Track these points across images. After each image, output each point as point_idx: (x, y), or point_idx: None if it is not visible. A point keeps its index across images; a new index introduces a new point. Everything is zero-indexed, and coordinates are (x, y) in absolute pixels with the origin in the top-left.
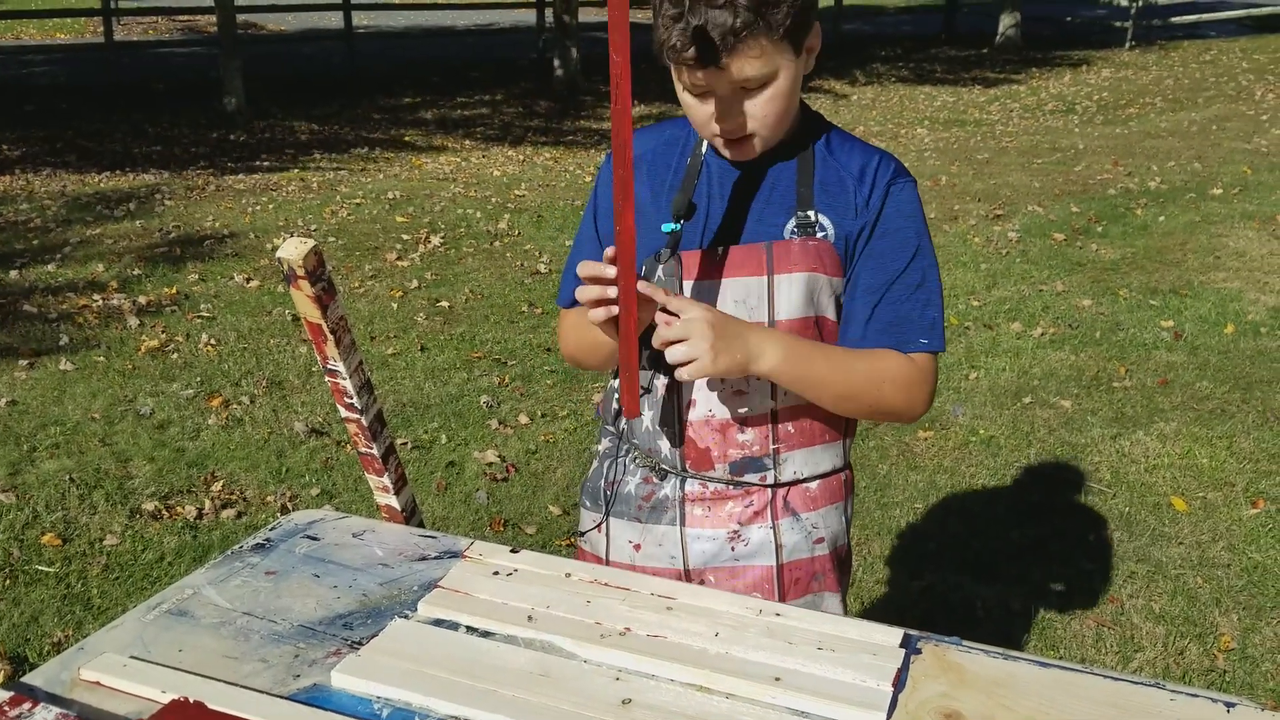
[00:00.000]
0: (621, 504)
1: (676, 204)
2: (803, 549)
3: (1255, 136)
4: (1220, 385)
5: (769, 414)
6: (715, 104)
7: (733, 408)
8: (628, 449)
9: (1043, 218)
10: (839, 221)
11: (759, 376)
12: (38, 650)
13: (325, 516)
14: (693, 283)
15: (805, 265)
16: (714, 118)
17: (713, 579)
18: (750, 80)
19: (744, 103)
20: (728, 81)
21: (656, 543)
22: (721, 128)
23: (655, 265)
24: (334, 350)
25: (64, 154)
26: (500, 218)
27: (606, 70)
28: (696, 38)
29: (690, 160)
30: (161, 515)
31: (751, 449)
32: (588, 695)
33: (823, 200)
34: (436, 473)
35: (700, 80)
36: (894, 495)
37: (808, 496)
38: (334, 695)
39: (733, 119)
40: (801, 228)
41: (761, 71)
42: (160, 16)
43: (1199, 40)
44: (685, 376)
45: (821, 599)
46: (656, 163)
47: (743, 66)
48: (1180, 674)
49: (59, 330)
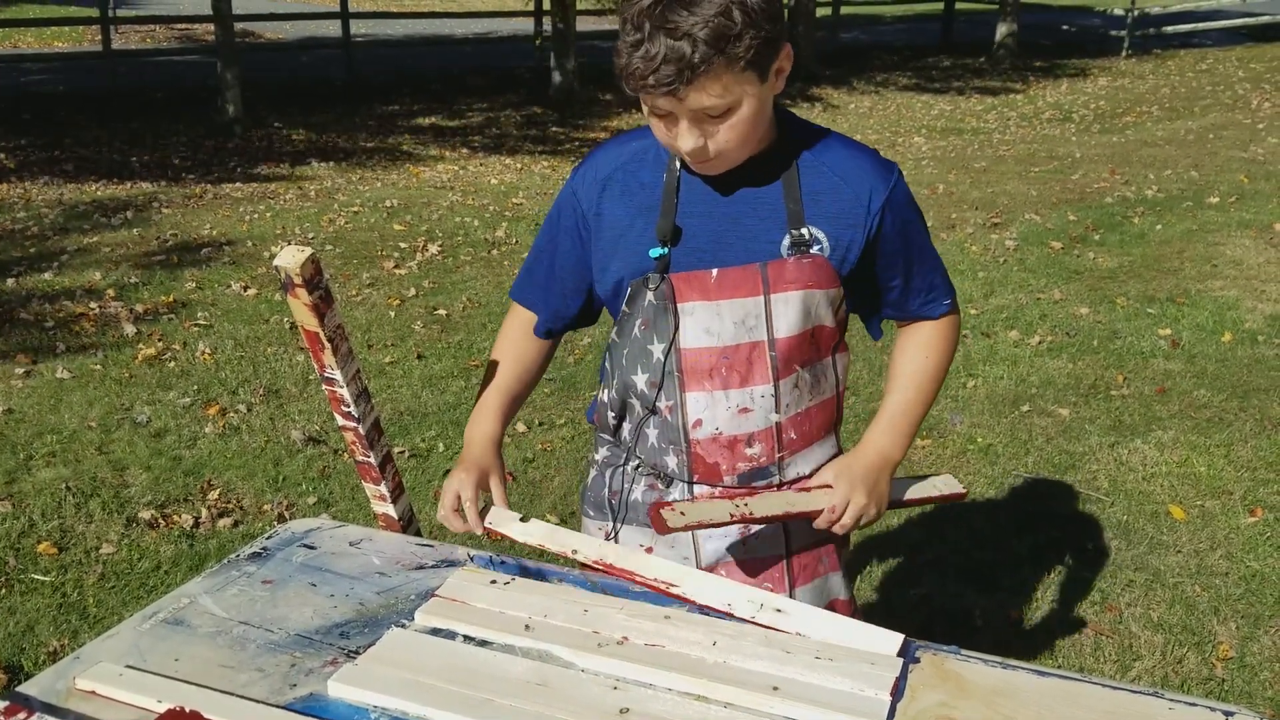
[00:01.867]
0: (630, 511)
1: (661, 229)
2: (808, 536)
3: (1252, 145)
4: (1218, 393)
5: (774, 427)
6: (679, 129)
7: (740, 425)
8: (628, 457)
9: (1040, 226)
10: (835, 231)
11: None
12: (33, 659)
13: (322, 525)
14: (685, 304)
15: (801, 283)
16: (676, 139)
17: (724, 573)
18: (711, 109)
19: (706, 126)
20: (688, 109)
21: (669, 545)
22: (685, 151)
23: (644, 289)
24: (331, 358)
25: (61, 162)
26: (498, 226)
27: (604, 79)
28: (654, 67)
29: (667, 177)
30: (158, 524)
31: (759, 461)
32: (585, 704)
33: (815, 210)
34: (434, 481)
35: (661, 106)
36: None
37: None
38: (331, 704)
39: (694, 143)
40: (796, 246)
41: (721, 101)
42: (158, 25)
43: (1195, 49)
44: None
45: (827, 581)
46: (628, 181)
47: (700, 98)
48: (1179, 683)
49: (56, 338)
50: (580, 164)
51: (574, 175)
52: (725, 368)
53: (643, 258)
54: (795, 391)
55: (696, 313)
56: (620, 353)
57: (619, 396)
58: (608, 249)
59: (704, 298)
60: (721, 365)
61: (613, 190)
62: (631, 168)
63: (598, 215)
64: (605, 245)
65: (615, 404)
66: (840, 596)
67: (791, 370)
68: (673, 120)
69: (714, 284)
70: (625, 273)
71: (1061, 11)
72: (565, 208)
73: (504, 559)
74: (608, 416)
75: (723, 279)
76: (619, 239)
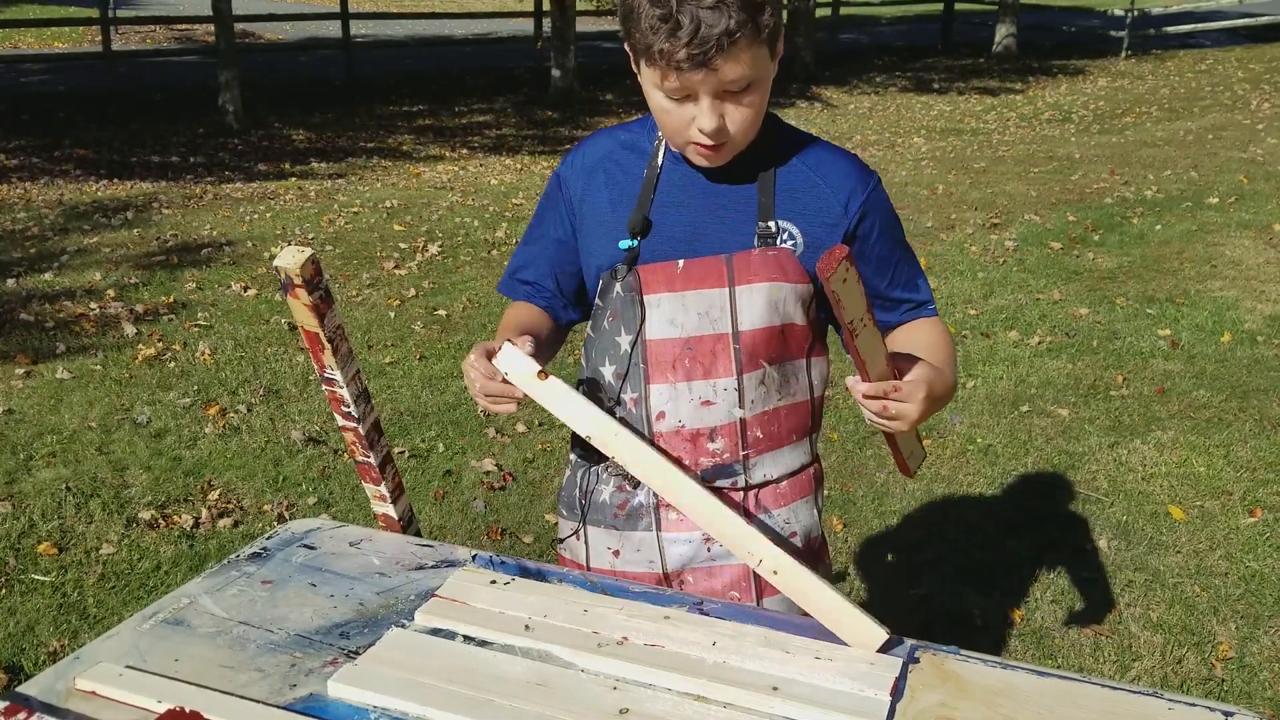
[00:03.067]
0: (597, 512)
1: (632, 220)
2: (779, 545)
3: (1251, 145)
4: (1217, 394)
5: (737, 423)
6: (700, 108)
7: (702, 418)
8: (598, 458)
9: (1039, 226)
10: (809, 229)
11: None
12: (33, 660)
13: (322, 525)
14: (652, 296)
15: (766, 275)
16: (693, 123)
17: (691, 579)
18: (737, 82)
19: (725, 105)
20: (713, 85)
21: (635, 548)
22: (706, 131)
23: (613, 282)
24: (331, 359)
25: (61, 162)
26: (498, 226)
27: (603, 79)
28: (688, 38)
29: (648, 172)
30: (158, 524)
31: (722, 457)
32: (585, 705)
33: (789, 207)
34: (434, 481)
35: (686, 83)
36: (891, 504)
37: (778, 493)
38: (330, 705)
39: (715, 121)
40: (762, 238)
41: (748, 73)
42: (158, 26)
43: (1194, 50)
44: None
45: None
46: (613, 170)
47: (732, 68)
48: (1178, 683)
49: (56, 338)
50: (570, 152)
51: (563, 163)
52: (689, 359)
53: (615, 247)
54: (761, 388)
55: (662, 304)
56: (592, 347)
57: (589, 390)
58: (590, 236)
59: (670, 289)
60: (685, 356)
61: (598, 178)
62: (618, 157)
63: (582, 201)
64: (588, 233)
65: (587, 397)
66: None
67: (757, 365)
68: (689, 102)
69: (680, 275)
70: (601, 262)
71: (1061, 12)
72: (555, 193)
73: (504, 559)
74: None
75: (689, 270)
76: (600, 226)
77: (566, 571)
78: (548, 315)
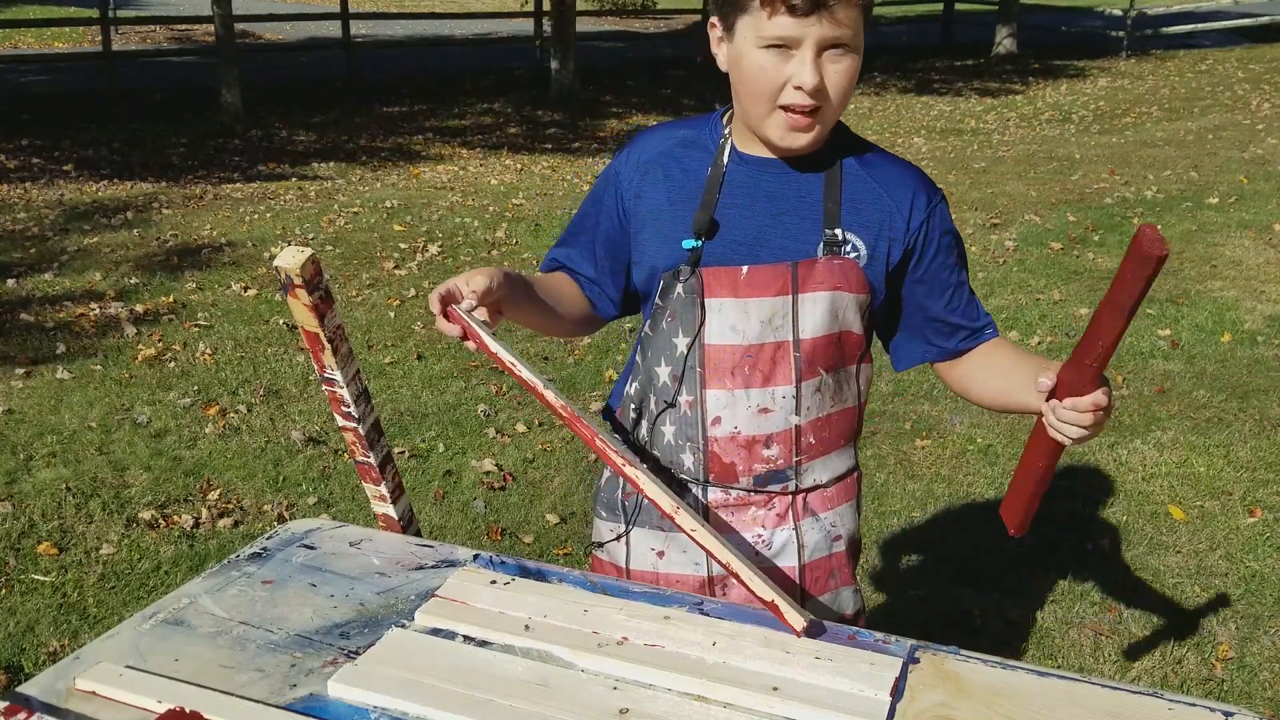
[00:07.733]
0: (644, 514)
1: (698, 220)
2: (822, 548)
3: (1251, 145)
4: (1217, 394)
5: (793, 430)
6: (801, 61)
7: (759, 425)
8: (642, 458)
9: (1040, 227)
10: (872, 241)
11: None
12: (33, 660)
13: (322, 525)
14: (714, 300)
15: (830, 284)
16: (787, 84)
17: (734, 582)
18: (841, 38)
19: (825, 64)
20: (819, 35)
21: (680, 550)
22: (806, 87)
23: (675, 282)
24: (331, 359)
25: (61, 163)
26: (498, 226)
27: (603, 79)
28: None
29: (712, 170)
30: (158, 524)
31: (775, 463)
32: (585, 705)
33: (853, 217)
34: (434, 482)
35: (794, 31)
36: (891, 504)
37: (825, 497)
38: (330, 705)
39: (814, 78)
40: (828, 246)
41: (851, 34)
42: (158, 26)
43: (1194, 50)
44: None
45: (838, 595)
46: (672, 167)
47: (845, 16)
48: (1178, 683)
49: (56, 339)
50: (625, 146)
51: (617, 157)
52: (748, 366)
53: (676, 247)
54: (817, 395)
55: (725, 309)
56: (649, 345)
57: (642, 389)
58: (645, 234)
59: (733, 294)
60: (745, 364)
61: (655, 175)
62: (677, 154)
63: (638, 198)
64: (643, 230)
65: (638, 397)
66: (847, 611)
67: (815, 373)
68: (788, 57)
69: (744, 281)
70: (659, 261)
71: (1061, 12)
72: (607, 188)
73: (504, 559)
74: (629, 409)
75: (753, 276)
76: (656, 224)
77: (567, 571)
78: (584, 297)
